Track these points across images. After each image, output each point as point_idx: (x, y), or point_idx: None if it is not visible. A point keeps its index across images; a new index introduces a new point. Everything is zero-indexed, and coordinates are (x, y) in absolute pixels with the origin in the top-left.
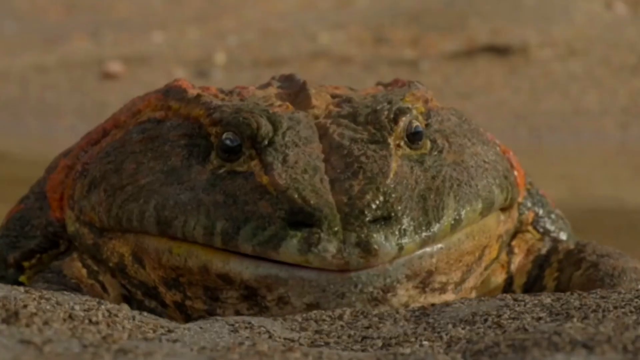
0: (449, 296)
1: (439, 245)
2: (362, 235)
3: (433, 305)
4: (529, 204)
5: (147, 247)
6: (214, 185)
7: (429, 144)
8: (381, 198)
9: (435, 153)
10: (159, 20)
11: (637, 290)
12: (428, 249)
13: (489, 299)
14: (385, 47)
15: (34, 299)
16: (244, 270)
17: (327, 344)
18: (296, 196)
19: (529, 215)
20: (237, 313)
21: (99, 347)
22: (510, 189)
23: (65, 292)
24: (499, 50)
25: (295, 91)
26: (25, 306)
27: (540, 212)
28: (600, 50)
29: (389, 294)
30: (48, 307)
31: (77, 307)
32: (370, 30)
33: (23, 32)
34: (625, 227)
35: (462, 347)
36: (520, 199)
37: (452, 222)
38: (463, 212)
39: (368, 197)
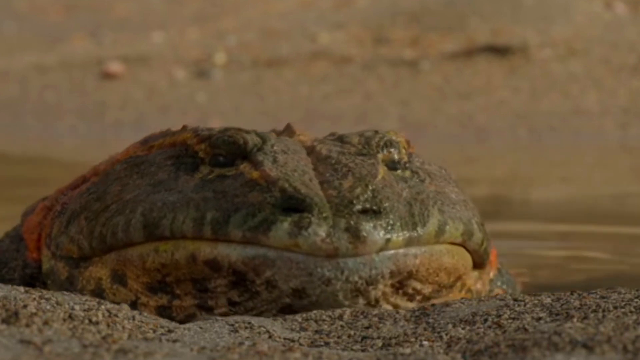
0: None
1: (424, 249)
2: (352, 222)
3: (433, 305)
4: (499, 283)
5: (131, 256)
6: (203, 186)
7: (409, 173)
8: (370, 194)
9: (417, 181)
10: (159, 20)
11: (637, 290)
12: (413, 249)
13: (489, 299)
14: (385, 47)
15: (34, 299)
16: (232, 252)
17: (327, 344)
18: (287, 185)
19: (498, 292)
20: (229, 302)
21: (99, 347)
22: (486, 238)
23: (65, 292)
24: (499, 50)
25: (280, 131)
26: (25, 306)
27: (509, 291)
28: (600, 50)
29: (371, 287)
30: (48, 307)
31: (77, 307)
32: (370, 30)
33: (23, 32)
34: (625, 228)
35: (462, 347)
36: (491, 275)
37: (437, 229)
38: (447, 226)
39: (357, 191)
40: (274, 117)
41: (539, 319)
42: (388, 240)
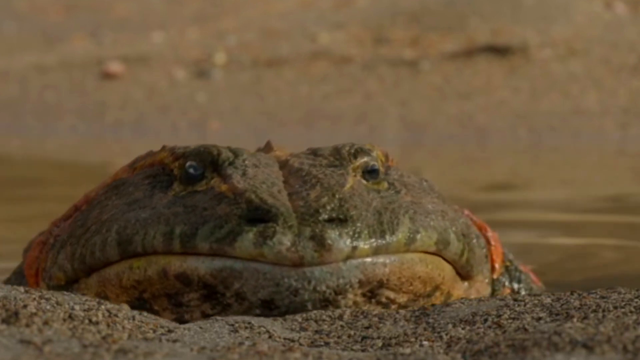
0: None
1: (393, 257)
2: (317, 230)
3: (433, 305)
4: (506, 282)
5: (109, 275)
6: (174, 202)
7: (386, 184)
8: (337, 202)
9: (392, 192)
10: (159, 20)
11: (637, 290)
12: (382, 258)
13: (489, 299)
14: (385, 47)
15: (34, 299)
16: (200, 265)
17: (327, 344)
18: (253, 197)
19: (505, 292)
20: (203, 314)
21: (99, 347)
22: (468, 249)
23: (65, 292)
24: (499, 50)
25: (260, 148)
26: (25, 306)
27: (517, 287)
28: (600, 50)
29: (340, 296)
30: (48, 307)
31: (77, 307)
32: (370, 30)
33: (23, 32)
34: (625, 228)
35: (462, 347)
36: (495, 275)
37: (407, 237)
38: (418, 235)
39: (324, 200)
40: (274, 117)
41: (539, 319)
42: (355, 248)
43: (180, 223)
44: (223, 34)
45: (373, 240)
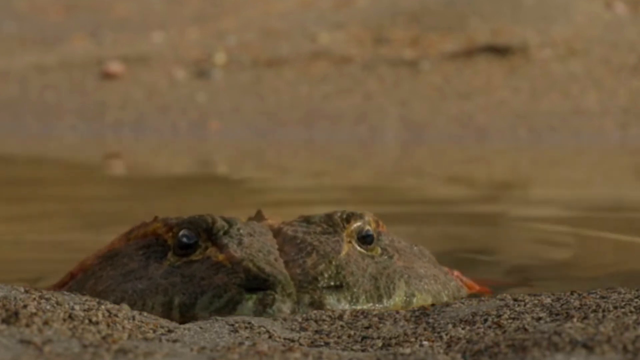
0: None
1: None
2: (316, 297)
3: (433, 305)
4: None
5: None
6: (171, 272)
7: (379, 250)
8: (334, 269)
9: (386, 257)
10: (159, 20)
11: (637, 290)
12: None
13: (489, 299)
14: (385, 47)
15: (34, 299)
16: None
17: (327, 344)
18: (251, 265)
19: None
20: None
21: (99, 347)
22: None
23: (65, 292)
24: (499, 50)
25: (251, 217)
26: (25, 306)
27: None
28: (600, 50)
29: None
30: (48, 307)
31: (77, 307)
32: (370, 30)
33: (23, 32)
34: (625, 228)
35: (462, 347)
36: None
37: (404, 301)
38: (414, 298)
39: (321, 267)
40: (274, 117)
41: (539, 319)
42: None
43: (179, 293)
44: (223, 34)
45: (371, 304)
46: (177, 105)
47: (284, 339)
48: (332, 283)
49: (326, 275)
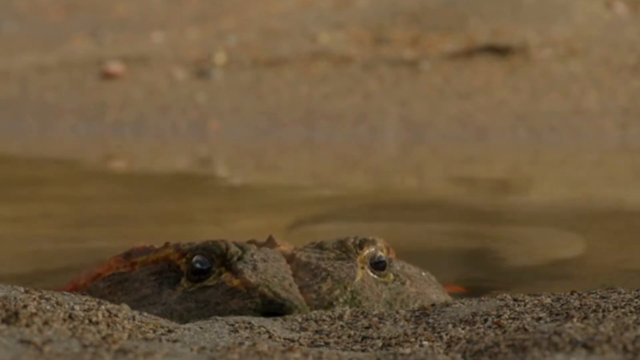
0: None
1: None
2: None
3: (433, 305)
4: None
5: None
6: (185, 298)
7: (392, 276)
8: (349, 295)
9: (399, 283)
10: (159, 20)
11: (637, 290)
12: None
13: (489, 299)
14: (385, 47)
15: (34, 299)
16: None
17: (327, 344)
18: (266, 290)
19: None
20: None
21: (99, 347)
22: None
23: (65, 292)
24: (499, 50)
25: (262, 242)
26: (25, 306)
27: None
28: (600, 50)
29: None
30: (48, 307)
31: (77, 307)
32: (370, 30)
33: (23, 32)
34: (625, 228)
35: (462, 347)
36: None
37: None
38: None
39: (336, 292)
40: (274, 117)
41: (539, 319)
42: None
43: (194, 318)
44: (223, 34)
45: None
46: (177, 105)
47: (284, 339)
48: (347, 308)
49: (341, 301)
